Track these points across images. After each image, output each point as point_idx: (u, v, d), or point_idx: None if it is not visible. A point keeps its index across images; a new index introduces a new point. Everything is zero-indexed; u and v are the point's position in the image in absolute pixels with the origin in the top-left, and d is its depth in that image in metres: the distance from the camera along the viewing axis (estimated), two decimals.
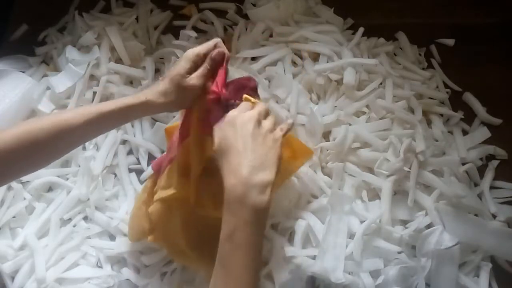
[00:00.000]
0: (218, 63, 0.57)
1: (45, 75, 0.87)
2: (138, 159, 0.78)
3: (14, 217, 0.71)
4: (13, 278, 0.66)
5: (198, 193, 0.60)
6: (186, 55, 0.56)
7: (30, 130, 0.50)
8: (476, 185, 0.76)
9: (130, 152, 0.79)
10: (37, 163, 0.53)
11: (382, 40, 0.90)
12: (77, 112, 0.52)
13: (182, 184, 0.59)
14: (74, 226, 0.71)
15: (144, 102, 0.54)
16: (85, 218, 0.72)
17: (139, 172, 0.76)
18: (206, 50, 0.56)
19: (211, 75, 0.56)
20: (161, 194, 0.60)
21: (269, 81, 0.83)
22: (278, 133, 0.51)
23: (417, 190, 0.73)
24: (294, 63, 0.86)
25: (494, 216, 0.72)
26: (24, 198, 0.72)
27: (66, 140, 0.52)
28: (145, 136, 0.79)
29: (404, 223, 0.71)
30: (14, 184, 0.73)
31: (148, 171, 0.76)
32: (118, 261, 0.68)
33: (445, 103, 0.84)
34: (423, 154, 0.74)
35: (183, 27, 0.93)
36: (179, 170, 0.59)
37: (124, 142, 0.79)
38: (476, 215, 0.71)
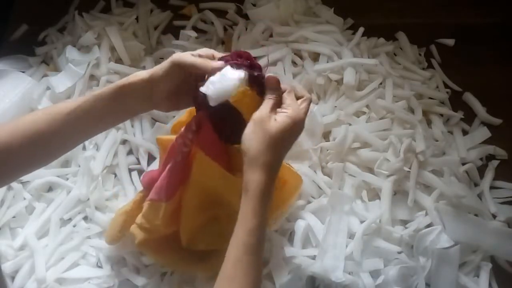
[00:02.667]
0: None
1: (45, 75, 0.87)
2: (138, 159, 0.78)
3: (14, 217, 0.71)
4: (13, 278, 0.66)
5: (194, 235, 0.60)
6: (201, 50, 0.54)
7: (24, 123, 0.49)
8: (476, 185, 0.76)
9: (130, 152, 0.79)
10: (35, 160, 0.51)
11: (382, 40, 0.90)
12: (73, 99, 0.53)
13: (164, 225, 0.59)
14: (74, 226, 0.71)
15: (133, 76, 0.52)
16: (85, 218, 0.72)
17: (139, 172, 0.76)
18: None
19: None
20: (141, 221, 0.60)
21: None
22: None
23: (417, 190, 0.73)
24: (294, 63, 0.86)
25: (494, 216, 0.72)
26: (24, 198, 0.72)
27: (62, 130, 0.50)
28: (145, 136, 0.79)
29: (404, 223, 0.71)
30: (14, 184, 0.73)
31: (148, 171, 0.76)
32: (118, 261, 0.68)
33: (445, 103, 0.84)
34: (423, 154, 0.74)
35: (183, 27, 0.93)
36: (166, 217, 0.58)
37: (124, 142, 0.79)
38: (476, 215, 0.71)
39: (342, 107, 0.80)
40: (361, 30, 0.89)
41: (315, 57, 0.87)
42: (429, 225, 0.70)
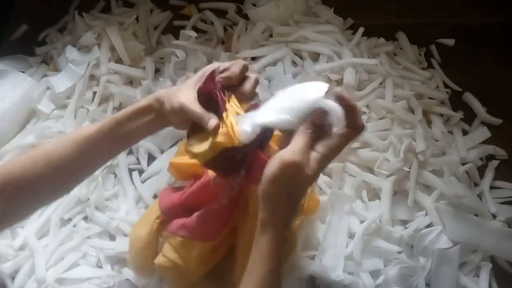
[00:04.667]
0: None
1: (45, 75, 0.87)
2: (138, 159, 0.78)
3: None
4: (13, 278, 0.66)
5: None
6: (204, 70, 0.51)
7: (47, 151, 0.48)
8: (476, 185, 0.76)
9: (130, 152, 0.79)
10: (59, 187, 0.51)
11: (382, 40, 0.90)
12: (93, 125, 0.51)
13: (196, 265, 0.58)
14: (74, 226, 0.71)
15: (151, 103, 0.51)
16: (85, 218, 0.72)
17: (139, 172, 0.76)
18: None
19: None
20: (174, 257, 0.58)
21: (269, 81, 0.83)
22: None
23: (417, 190, 0.72)
24: (294, 63, 0.86)
25: (494, 216, 0.72)
26: None
27: (82, 154, 0.50)
28: None
29: (404, 223, 0.71)
30: None
31: (148, 171, 0.76)
32: (118, 261, 0.68)
33: (445, 103, 0.84)
34: (423, 154, 0.74)
35: (183, 27, 0.93)
36: (200, 257, 0.56)
37: None
38: (476, 215, 0.71)
39: None
40: (361, 30, 0.89)
41: (315, 57, 0.87)
42: (429, 225, 0.70)
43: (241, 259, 0.58)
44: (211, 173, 0.56)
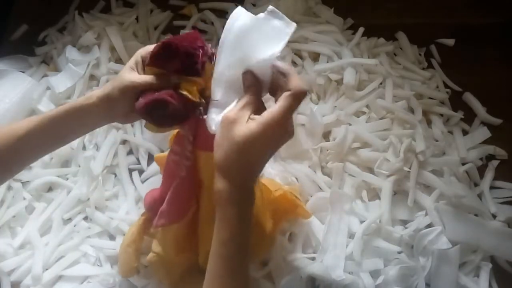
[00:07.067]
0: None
1: (45, 75, 0.87)
2: (138, 159, 0.78)
3: (14, 216, 0.71)
4: (11, 277, 0.66)
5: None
6: (136, 55, 0.52)
7: None
8: (476, 185, 0.76)
9: (130, 152, 0.79)
10: None
11: (382, 40, 0.90)
12: (27, 119, 0.50)
13: (175, 250, 0.58)
14: (75, 226, 0.71)
15: (89, 98, 0.50)
16: (85, 218, 0.72)
17: (139, 172, 0.76)
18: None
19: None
20: (159, 250, 0.59)
21: None
22: None
23: (417, 190, 0.73)
24: (294, 63, 0.86)
25: (494, 216, 0.72)
26: (24, 198, 0.72)
27: (16, 150, 0.49)
28: (145, 136, 0.79)
29: (404, 223, 0.71)
30: (14, 184, 0.73)
31: (148, 171, 0.76)
32: (117, 261, 0.68)
33: (445, 103, 0.84)
34: (423, 154, 0.74)
35: (183, 27, 0.93)
36: (177, 241, 0.57)
37: (124, 142, 0.79)
38: (476, 215, 0.71)
39: (342, 107, 0.80)
40: (361, 30, 0.89)
41: (315, 57, 0.87)
42: (429, 225, 0.70)
43: (201, 235, 0.58)
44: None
